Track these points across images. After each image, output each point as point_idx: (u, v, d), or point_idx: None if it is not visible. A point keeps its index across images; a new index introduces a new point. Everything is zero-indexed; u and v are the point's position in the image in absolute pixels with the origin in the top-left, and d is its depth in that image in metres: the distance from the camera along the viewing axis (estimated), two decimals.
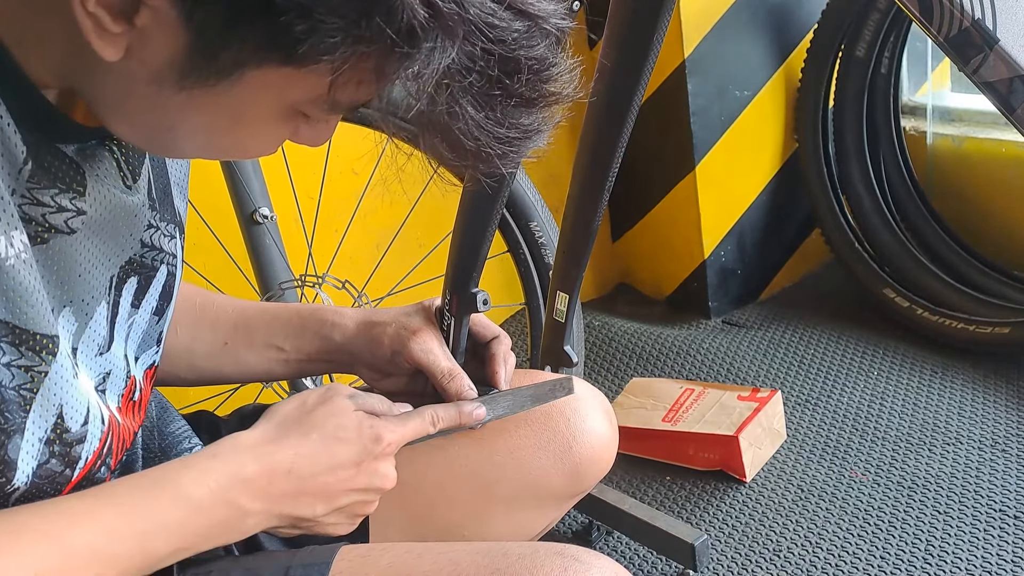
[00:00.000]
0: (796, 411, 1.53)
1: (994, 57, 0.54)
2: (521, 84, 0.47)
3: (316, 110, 0.50)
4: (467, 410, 0.71)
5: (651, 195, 1.84)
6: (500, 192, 0.77)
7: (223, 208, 1.24)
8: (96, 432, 0.58)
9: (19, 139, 0.49)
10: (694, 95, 1.68)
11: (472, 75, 0.45)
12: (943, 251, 1.74)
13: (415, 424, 0.68)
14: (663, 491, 1.40)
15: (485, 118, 0.47)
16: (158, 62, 0.46)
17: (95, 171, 0.55)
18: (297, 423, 0.63)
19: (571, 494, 0.82)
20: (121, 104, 0.50)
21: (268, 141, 0.52)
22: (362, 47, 0.43)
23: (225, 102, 0.48)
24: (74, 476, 0.57)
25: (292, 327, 0.80)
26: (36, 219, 0.51)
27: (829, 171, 1.76)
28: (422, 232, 1.49)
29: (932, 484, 1.33)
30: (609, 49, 0.75)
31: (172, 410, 0.77)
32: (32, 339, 0.50)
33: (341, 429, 0.64)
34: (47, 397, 0.53)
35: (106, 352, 0.60)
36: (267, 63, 0.45)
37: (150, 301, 0.65)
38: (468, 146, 0.48)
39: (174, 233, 0.66)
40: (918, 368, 1.60)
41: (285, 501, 0.61)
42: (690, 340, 1.75)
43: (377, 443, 0.65)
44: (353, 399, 0.66)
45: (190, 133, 0.50)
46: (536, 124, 0.50)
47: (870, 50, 1.66)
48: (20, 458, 0.52)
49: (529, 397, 0.76)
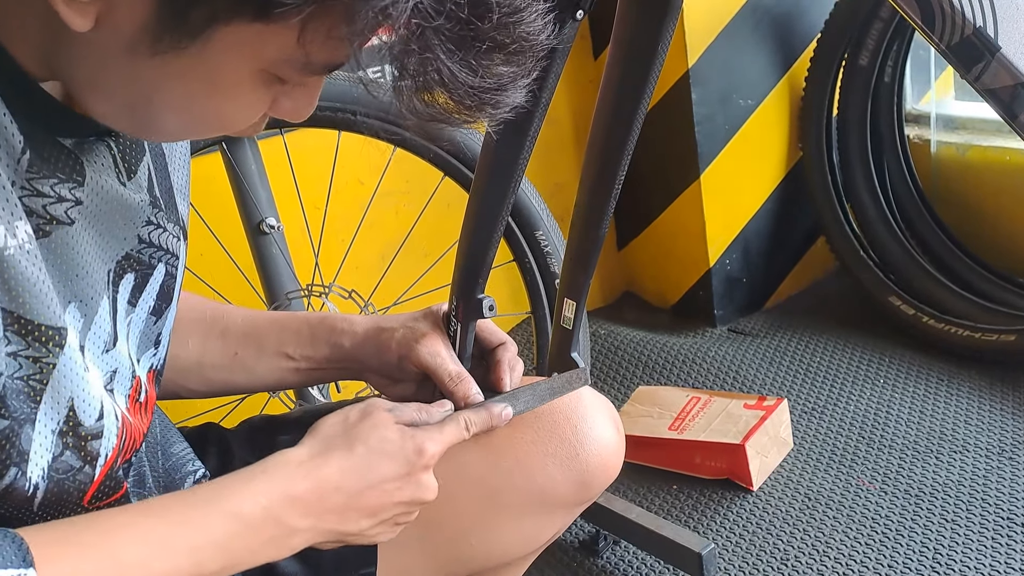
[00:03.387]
0: (803, 419, 1.53)
1: (996, 65, 0.54)
2: (492, 26, 0.46)
3: (291, 71, 0.49)
4: (496, 411, 0.72)
5: (656, 204, 1.85)
6: (506, 198, 0.77)
7: (230, 218, 1.24)
8: (112, 428, 0.58)
9: (15, 128, 0.49)
10: (698, 104, 1.68)
11: (442, 17, 0.45)
12: (948, 259, 1.74)
13: (452, 431, 0.69)
14: (670, 500, 1.40)
15: (459, 65, 0.46)
16: (129, 28, 0.46)
17: (93, 163, 0.55)
18: (342, 438, 0.64)
19: (578, 502, 0.82)
20: (98, 80, 0.50)
21: (247, 109, 0.52)
22: None
23: (199, 66, 0.48)
24: (96, 474, 0.57)
25: (302, 335, 0.80)
26: (37, 211, 0.51)
27: (834, 179, 1.76)
28: (428, 242, 1.49)
29: (939, 492, 1.32)
30: (614, 59, 0.76)
31: (174, 430, 0.78)
32: (38, 330, 0.50)
33: (385, 442, 0.64)
34: (57, 389, 0.53)
35: (112, 349, 0.60)
36: (236, 18, 0.45)
37: (147, 300, 0.64)
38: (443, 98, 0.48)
39: (178, 235, 0.66)
40: (924, 376, 1.59)
41: (332, 517, 0.62)
42: (696, 348, 1.75)
43: (420, 455, 0.65)
44: (392, 412, 0.67)
45: (168, 104, 0.50)
46: (510, 74, 0.49)
47: (873, 59, 1.67)
48: (33, 449, 0.52)
49: (548, 390, 0.77)
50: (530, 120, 0.71)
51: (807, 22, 1.75)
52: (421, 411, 0.70)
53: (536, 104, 0.70)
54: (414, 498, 0.65)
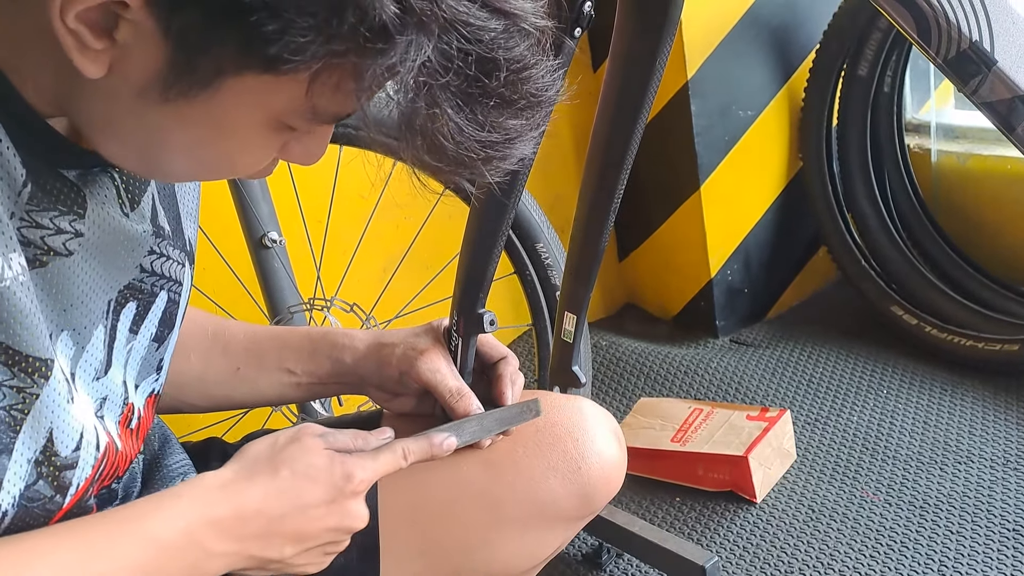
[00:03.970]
0: (806, 430, 1.52)
1: (993, 78, 0.54)
2: (500, 84, 0.46)
3: (299, 120, 0.50)
4: (437, 441, 0.70)
5: (656, 215, 1.85)
6: (506, 213, 0.78)
7: (232, 233, 1.25)
8: (89, 459, 0.57)
9: (18, 162, 0.49)
10: (697, 116, 1.69)
11: (450, 74, 0.45)
12: (950, 268, 1.74)
13: (386, 459, 0.67)
14: (673, 512, 1.39)
15: (466, 120, 0.47)
16: (141, 76, 0.47)
17: (96, 195, 0.55)
18: (267, 462, 0.63)
19: (580, 516, 0.82)
20: (109, 123, 0.50)
21: (256, 155, 0.52)
22: (334, 46, 0.44)
23: (208, 113, 0.48)
24: (65, 503, 0.56)
25: (303, 350, 0.80)
26: (35, 242, 0.52)
27: (834, 189, 1.76)
28: (429, 254, 1.50)
29: (944, 503, 1.32)
30: (612, 74, 0.76)
31: (174, 442, 0.77)
32: (25, 361, 0.51)
33: (311, 468, 0.63)
34: (38, 419, 0.52)
35: (103, 377, 0.60)
36: (245, 70, 0.46)
37: (149, 327, 0.64)
38: (450, 150, 0.48)
39: (183, 261, 0.66)
40: (927, 386, 1.59)
41: (254, 542, 0.60)
42: (698, 359, 1.74)
43: (348, 481, 0.63)
44: (324, 437, 0.65)
45: (177, 148, 0.51)
46: (518, 128, 0.49)
47: (872, 69, 1.67)
48: (7, 478, 0.52)
49: (496, 421, 0.75)
50: None
51: (805, 33, 1.76)
52: (357, 438, 0.68)
53: None
54: (340, 525, 0.64)
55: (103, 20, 0.45)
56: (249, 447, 0.64)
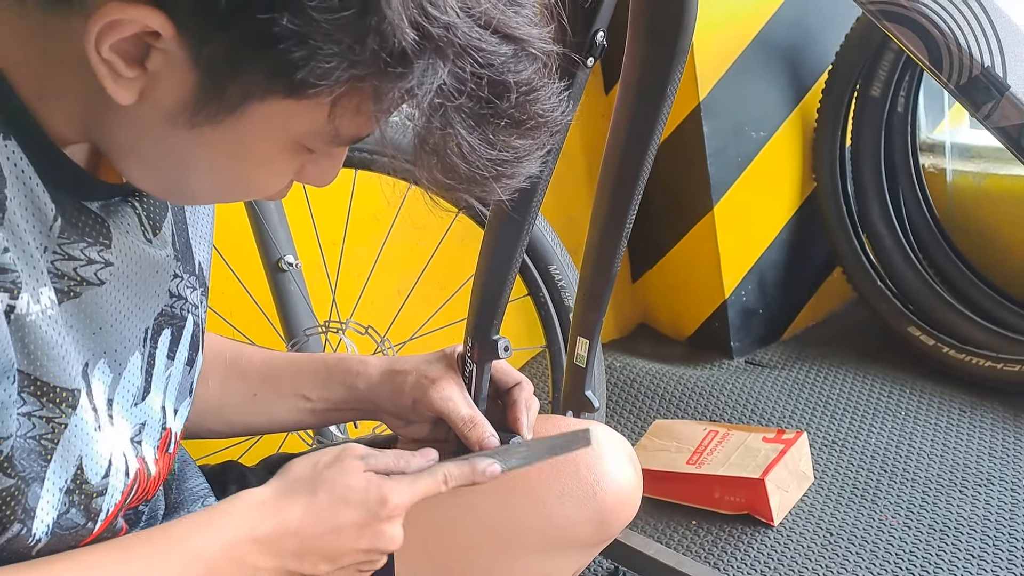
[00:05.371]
0: (823, 453, 1.51)
1: (1005, 103, 0.54)
2: (511, 105, 0.49)
3: (319, 143, 0.52)
4: (480, 467, 0.70)
5: (669, 236, 1.85)
6: (521, 238, 0.78)
7: (250, 256, 1.26)
8: (119, 485, 0.59)
9: (47, 197, 0.51)
10: (710, 137, 1.69)
11: (463, 97, 0.47)
12: (967, 288, 1.72)
13: (426, 484, 0.68)
14: (689, 535, 1.38)
15: (478, 140, 0.49)
16: (170, 102, 0.48)
17: (119, 224, 0.57)
18: (306, 483, 0.64)
19: (596, 542, 0.81)
20: (136, 148, 0.52)
21: (275, 178, 0.54)
22: (357, 71, 0.45)
23: (232, 137, 0.50)
24: (95, 529, 0.58)
25: (318, 377, 0.80)
26: (68, 273, 0.53)
27: (848, 210, 1.76)
28: (443, 276, 1.50)
29: (965, 527, 1.30)
30: (625, 97, 0.77)
31: (193, 465, 0.78)
32: (52, 391, 0.52)
33: (348, 491, 0.64)
34: (67, 448, 0.54)
35: (141, 403, 0.62)
36: (271, 95, 0.47)
37: (183, 352, 0.66)
38: (462, 169, 0.50)
39: (195, 285, 0.68)
40: (946, 408, 1.57)
41: (291, 559, 0.62)
42: (713, 381, 1.73)
43: (383, 505, 0.65)
44: (365, 460, 0.67)
45: (201, 172, 0.53)
46: (526, 148, 0.51)
47: (886, 89, 1.67)
48: (39, 507, 0.53)
49: (545, 449, 0.75)
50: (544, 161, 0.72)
51: (818, 54, 1.76)
52: (400, 459, 0.69)
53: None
54: (373, 547, 0.65)
55: (135, 50, 0.46)
56: (292, 466, 0.66)
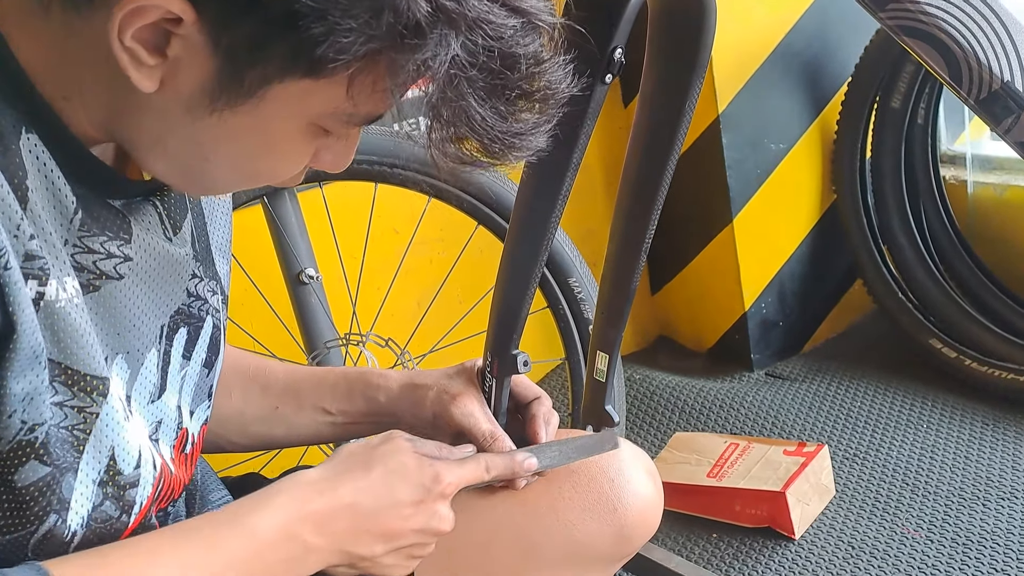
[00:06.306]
0: (844, 466, 1.50)
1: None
2: (520, 76, 0.50)
3: (336, 123, 0.53)
4: (520, 459, 0.73)
5: (689, 248, 1.85)
6: (540, 252, 0.78)
7: (271, 269, 1.27)
8: (149, 477, 0.59)
9: (68, 190, 0.52)
10: (729, 149, 1.69)
11: (475, 69, 0.49)
12: (989, 300, 1.71)
13: (471, 468, 0.69)
14: (710, 548, 1.37)
15: (490, 111, 0.50)
16: (190, 89, 0.49)
17: (140, 221, 0.58)
18: (360, 460, 0.65)
19: (617, 556, 0.81)
20: (158, 139, 0.53)
21: (293, 161, 0.56)
22: (374, 44, 0.47)
23: (252, 122, 0.51)
24: (131, 522, 0.59)
25: (339, 390, 0.81)
26: (88, 267, 0.54)
27: (869, 222, 1.75)
28: (462, 289, 1.51)
29: (988, 540, 1.29)
30: (643, 111, 0.77)
31: (214, 478, 0.79)
32: (83, 380, 0.53)
33: (403, 467, 0.65)
34: (99, 439, 0.55)
35: (157, 400, 0.62)
36: (289, 76, 0.49)
37: (200, 353, 0.67)
38: (474, 141, 0.52)
39: (215, 290, 0.69)
40: (968, 420, 1.56)
41: (346, 537, 0.62)
42: (733, 393, 1.73)
43: (436, 482, 0.66)
44: (412, 442, 0.68)
45: (222, 158, 0.54)
46: (534, 120, 0.53)
47: (906, 101, 1.67)
48: (74, 498, 0.54)
49: (575, 449, 0.77)
50: (563, 176, 0.73)
51: (837, 66, 1.76)
52: (442, 448, 0.70)
53: (569, 161, 0.71)
54: (427, 527, 0.65)
55: (156, 37, 0.48)
56: (344, 447, 0.67)
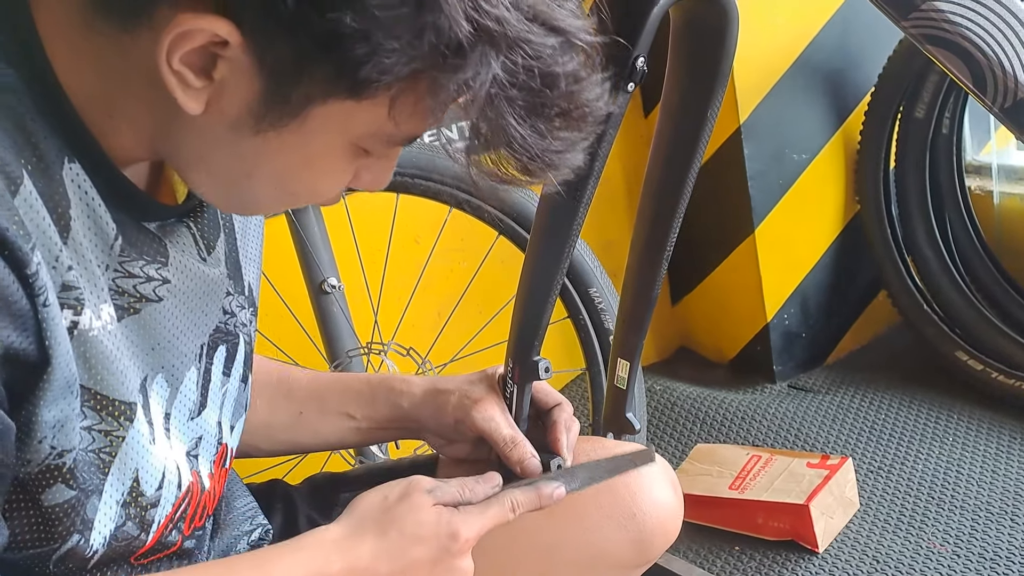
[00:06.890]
0: (868, 479, 1.48)
1: None
2: (560, 95, 0.51)
3: (377, 144, 0.54)
4: (546, 492, 0.70)
5: (710, 258, 1.84)
6: (560, 262, 0.79)
7: (294, 278, 1.29)
8: (170, 497, 0.60)
9: (109, 217, 0.53)
10: (751, 159, 1.69)
11: (514, 88, 0.49)
12: (1016, 312, 1.69)
13: (495, 513, 0.68)
14: (732, 562, 1.36)
15: (529, 130, 0.51)
16: (235, 110, 0.50)
17: (175, 244, 0.59)
18: (377, 520, 0.65)
19: (636, 564, 0.81)
20: (202, 158, 0.54)
21: (334, 181, 0.56)
22: (416, 65, 0.47)
23: (296, 142, 0.52)
24: (148, 540, 0.60)
25: (363, 396, 0.82)
26: (128, 291, 0.55)
27: (893, 232, 1.73)
28: (483, 299, 1.51)
29: (1016, 556, 1.26)
30: (665, 121, 0.77)
31: (241, 484, 0.80)
32: (112, 405, 0.54)
33: (419, 527, 0.64)
34: (124, 461, 0.56)
35: (197, 417, 0.64)
36: (332, 97, 0.49)
37: (238, 368, 0.69)
38: (515, 160, 0.52)
39: (244, 304, 0.70)
40: (995, 433, 1.54)
41: None
42: (755, 405, 1.72)
43: (454, 540, 0.65)
44: (432, 493, 0.66)
45: (265, 178, 0.54)
46: (572, 138, 0.53)
47: (930, 111, 1.65)
48: (97, 518, 0.55)
49: (607, 469, 0.75)
50: (584, 186, 0.73)
51: (860, 76, 1.75)
52: (465, 489, 0.68)
53: (590, 171, 0.72)
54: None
55: (203, 60, 0.48)
56: (360, 501, 0.66)
